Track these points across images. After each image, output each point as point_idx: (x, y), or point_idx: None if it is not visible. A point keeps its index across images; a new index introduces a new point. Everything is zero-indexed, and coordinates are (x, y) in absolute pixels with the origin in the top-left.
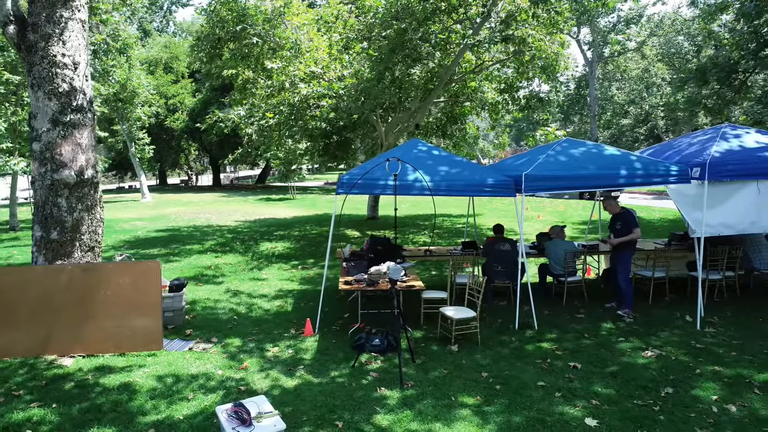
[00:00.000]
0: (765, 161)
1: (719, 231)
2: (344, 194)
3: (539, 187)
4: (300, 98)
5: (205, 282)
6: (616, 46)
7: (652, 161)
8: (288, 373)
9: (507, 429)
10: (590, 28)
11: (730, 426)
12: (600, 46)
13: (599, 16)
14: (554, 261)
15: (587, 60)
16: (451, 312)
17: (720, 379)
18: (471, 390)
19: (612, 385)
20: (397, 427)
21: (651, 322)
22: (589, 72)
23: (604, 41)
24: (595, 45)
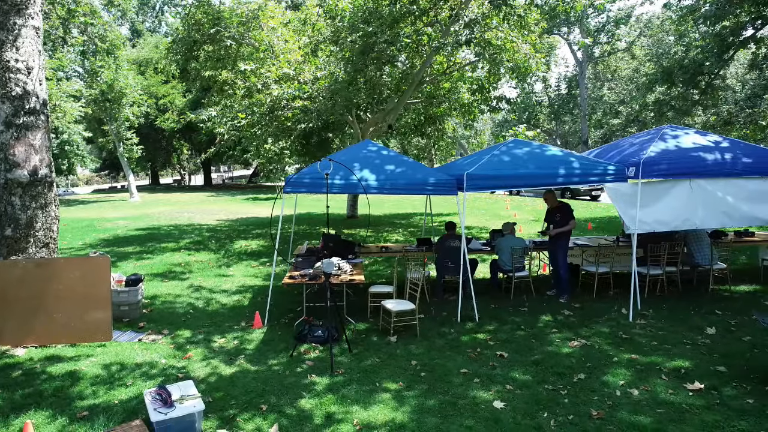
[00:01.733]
0: (698, 161)
1: (654, 228)
2: (292, 193)
3: (481, 186)
4: (272, 99)
5: (171, 278)
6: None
7: (591, 161)
8: (228, 362)
9: (419, 411)
10: (580, 28)
11: (627, 407)
12: (590, 46)
13: (571, 18)
14: (503, 257)
15: (577, 60)
16: (390, 305)
17: (633, 366)
18: (397, 377)
19: (530, 372)
20: (318, 410)
21: (588, 315)
22: (580, 72)
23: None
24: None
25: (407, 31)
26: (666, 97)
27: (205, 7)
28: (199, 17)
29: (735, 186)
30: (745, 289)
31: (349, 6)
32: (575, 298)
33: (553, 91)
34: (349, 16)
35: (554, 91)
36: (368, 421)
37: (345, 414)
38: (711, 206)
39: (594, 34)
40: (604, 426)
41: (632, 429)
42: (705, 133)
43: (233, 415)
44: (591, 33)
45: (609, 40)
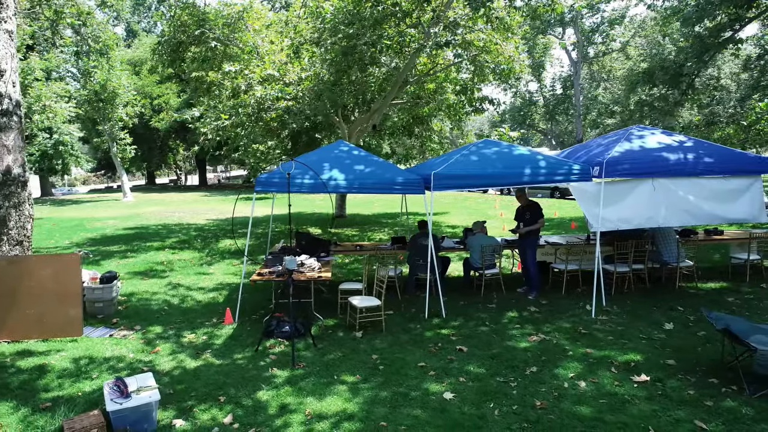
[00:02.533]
0: (660, 161)
1: (617, 225)
2: (262, 192)
3: (447, 185)
4: (255, 100)
5: (151, 276)
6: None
7: (557, 161)
8: (194, 356)
9: (371, 402)
10: (574, 29)
11: (572, 398)
12: (585, 46)
13: (551, 19)
14: (474, 255)
15: (572, 60)
16: (356, 301)
17: (586, 360)
18: (356, 370)
19: (486, 365)
20: (274, 401)
21: (553, 311)
22: (574, 72)
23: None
24: (579, 46)
25: (391, 32)
26: (648, 97)
27: (190, 8)
28: (185, 19)
29: (697, 185)
30: (712, 286)
31: (330, 8)
32: (544, 294)
33: (548, 91)
34: (330, 18)
35: (549, 92)
36: (320, 411)
37: (299, 405)
38: (673, 205)
39: (588, 35)
40: (545, 415)
41: (571, 418)
42: (671, 133)
43: (191, 406)
44: (585, 33)
45: (604, 41)
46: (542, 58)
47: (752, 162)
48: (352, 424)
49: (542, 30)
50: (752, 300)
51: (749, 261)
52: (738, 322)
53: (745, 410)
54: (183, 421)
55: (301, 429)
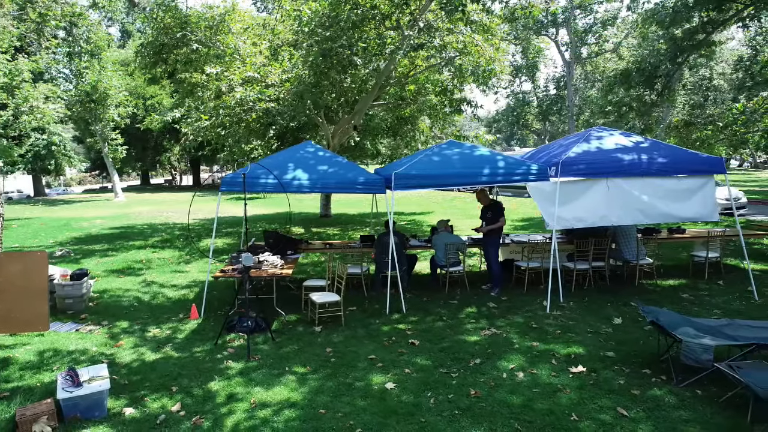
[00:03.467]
0: (615, 161)
1: (573, 224)
2: (227, 191)
3: (408, 185)
4: (236, 102)
5: (128, 274)
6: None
7: (516, 161)
8: (155, 349)
9: (315, 391)
10: (567, 29)
11: (506, 388)
12: (578, 47)
13: (559, 20)
14: (438, 253)
15: (565, 61)
16: (316, 297)
17: (530, 352)
18: (308, 362)
19: (433, 357)
20: (223, 391)
21: (511, 307)
22: (567, 73)
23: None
24: (572, 46)
25: (371, 34)
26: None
27: (172, 11)
28: (167, 21)
29: (651, 185)
30: (671, 283)
31: (307, 12)
32: (507, 291)
33: (542, 91)
34: (306, 21)
35: (543, 92)
36: (265, 400)
37: (246, 394)
38: (627, 204)
39: (581, 35)
40: (477, 403)
41: (502, 406)
42: (629, 134)
43: (143, 395)
44: (578, 34)
45: (597, 41)
46: (536, 59)
47: (705, 162)
48: (293, 412)
49: (536, 31)
50: (705, 296)
51: (708, 259)
52: (667, 315)
53: (669, 398)
54: (133, 410)
55: (243, 416)
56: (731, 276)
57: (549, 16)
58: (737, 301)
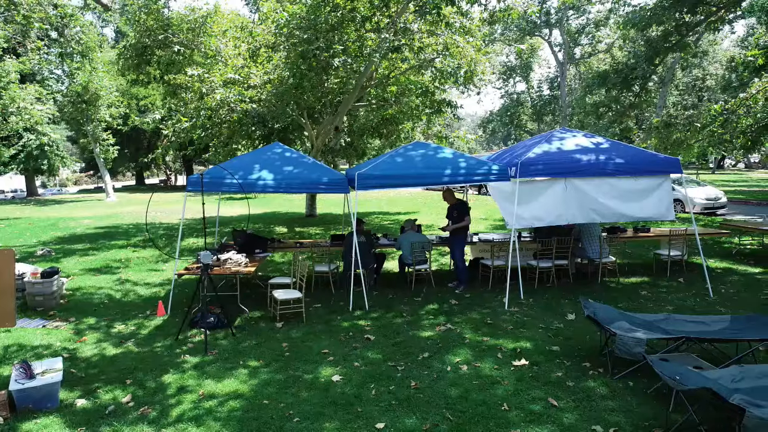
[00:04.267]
0: (573, 161)
1: (531, 223)
2: (192, 191)
3: (370, 185)
4: (216, 103)
5: (104, 272)
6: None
7: (478, 162)
8: (117, 344)
9: (264, 383)
10: (560, 30)
11: (448, 380)
12: (571, 47)
13: (552, 20)
14: (405, 251)
15: (558, 61)
16: (278, 294)
17: (478, 347)
18: (262, 356)
19: (384, 352)
20: (175, 383)
21: (472, 303)
22: (560, 73)
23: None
24: (565, 46)
25: (352, 36)
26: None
27: (154, 14)
28: (150, 23)
29: (607, 185)
30: (633, 280)
31: (285, 15)
32: (472, 288)
33: (535, 92)
34: (284, 24)
35: (536, 92)
36: (213, 391)
37: (197, 386)
38: (583, 204)
39: (574, 36)
40: (415, 394)
41: (439, 397)
42: (591, 135)
43: (97, 387)
44: (571, 35)
45: (590, 42)
46: (530, 59)
47: (662, 163)
48: (237, 402)
49: (529, 32)
50: (663, 293)
51: (671, 257)
52: (605, 310)
53: (601, 389)
54: (85, 401)
55: (189, 407)
56: (693, 274)
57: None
58: (692, 298)
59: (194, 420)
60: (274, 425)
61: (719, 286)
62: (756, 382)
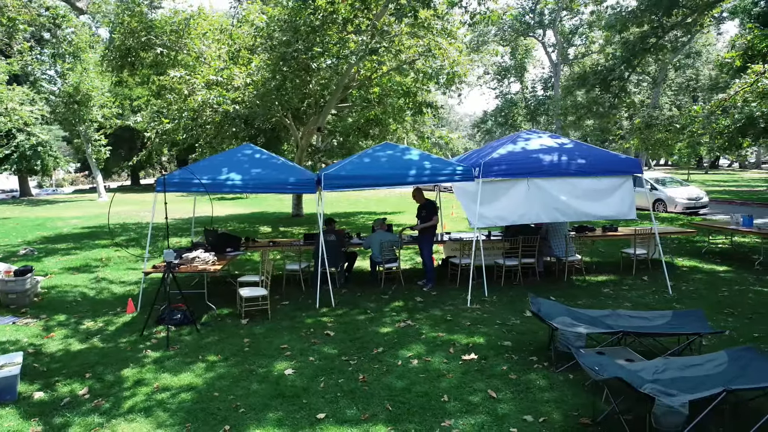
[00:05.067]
0: (536, 162)
1: (495, 222)
2: (161, 192)
3: (336, 185)
4: (198, 105)
5: (82, 271)
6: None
7: (443, 162)
8: (83, 340)
9: (219, 377)
10: (553, 31)
11: (396, 373)
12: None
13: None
14: (375, 250)
15: (552, 62)
16: (244, 291)
17: (433, 342)
18: (222, 351)
19: (341, 347)
20: (133, 377)
21: (436, 301)
22: (554, 74)
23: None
24: (559, 47)
25: (334, 38)
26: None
27: (138, 16)
28: (134, 25)
29: (570, 185)
30: (600, 278)
31: (264, 17)
32: (441, 287)
33: (530, 92)
34: (262, 27)
35: (530, 93)
36: (168, 384)
37: (153, 380)
38: (546, 203)
39: (568, 37)
40: (361, 387)
41: (384, 389)
42: (557, 136)
43: (56, 381)
44: (565, 35)
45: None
46: (524, 60)
47: (623, 163)
48: (189, 395)
49: (523, 32)
50: (625, 290)
51: (636, 256)
52: (550, 306)
53: (541, 382)
54: (42, 393)
55: (142, 398)
56: (658, 272)
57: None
58: (651, 295)
59: (144, 411)
60: (219, 416)
61: (681, 284)
62: (677, 373)
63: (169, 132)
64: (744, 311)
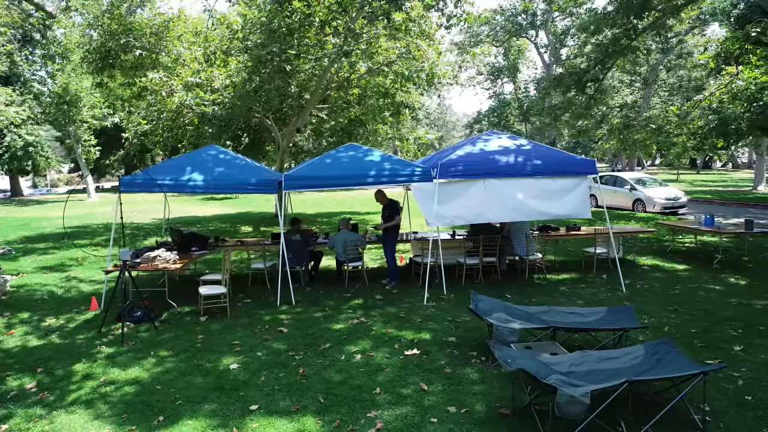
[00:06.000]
0: (492, 163)
1: (452, 221)
2: (125, 192)
3: (297, 185)
4: (177, 106)
5: (57, 270)
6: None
7: (402, 164)
8: (42, 337)
9: (165, 371)
10: (545, 31)
11: (337, 368)
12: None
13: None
14: (339, 249)
15: (545, 62)
16: (203, 289)
17: (381, 338)
18: (175, 347)
19: (291, 343)
20: (83, 371)
21: (395, 299)
22: (547, 74)
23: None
24: (551, 48)
25: (312, 41)
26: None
27: (117, 18)
28: (114, 27)
29: (526, 185)
30: (560, 277)
31: (239, 20)
32: (404, 285)
33: (522, 93)
34: (237, 30)
35: (523, 93)
36: (115, 378)
37: (101, 374)
38: (503, 203)
39: (560, 37)
40: (299, 381)
41: (321, 383)
42: (516, 137)
43: (6, 375)
44: (557, 36)
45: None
46: (517, 60)
47: (579, 164)
48: (132, 388)
49: (515, 33)
50: (581, 288)
51: (596, 255)
52: (489, 302)
53: (473, 376)
54: None
55: (87, 392)
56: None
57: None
58: (605, 293)
59: (85, 404)
60: (156, 408)
61: (638, 282)
62: (593, 366)
63: (147, 133)
64: (689, 308)
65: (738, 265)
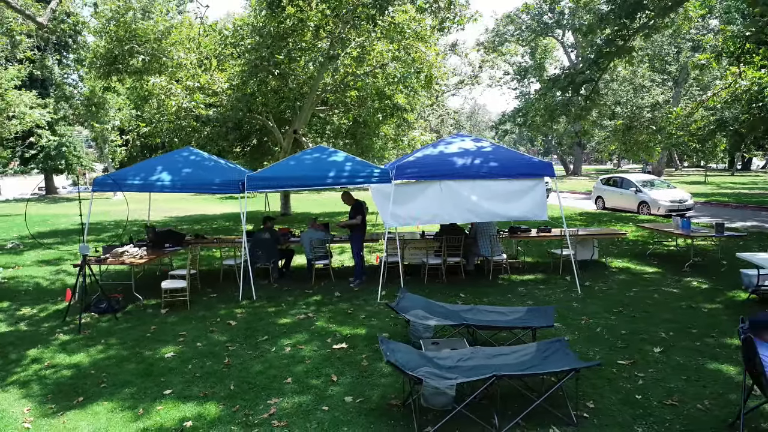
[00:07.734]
0: (449, 165)
1: (408, 222)
2: (96, 191)
3: (258, 186)
4: (175, 109)
5: (52, 264)
6: None
7: (363, 165)
8: (12, 324)
9: (107, 358)
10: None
11: (262, 359)
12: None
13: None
14: (306, 247)
15: (571, 62)
16: (165, 284)
17: (318, 332)
18: (125, 337)
19: (233, 335)
20: (35, 356)
21: (352, 297)
22: None
23: None
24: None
25: (307, 45)
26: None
27: (123, 25)
28: (120, 34)
29: (481, 186)
30: (525, 278)
31: (230, 26)
32: (370, 283)
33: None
34: (228, 36)
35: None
36: (59, 362)
37: (48, 358)
38: (458, 204)
39: None
40: (220, 370)
41: (240, 371)
42: (479, 139)
43: None
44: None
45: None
46: (543, 60)
47: (536, 166)
48: (69, 372)
49: (541, 32)
50: (539, 289)
51: (562, 256)
52: (409, 299)
53: (386, 369)
54: None
55: (28, 374)
56: (583, 272)
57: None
58: (560, 294)
59: (21, 384)
60: (81, 389)
61: (598, 284)
62: (481, 361)
63: (147, 134)
64: (634, 310)
65: (711, 269)
